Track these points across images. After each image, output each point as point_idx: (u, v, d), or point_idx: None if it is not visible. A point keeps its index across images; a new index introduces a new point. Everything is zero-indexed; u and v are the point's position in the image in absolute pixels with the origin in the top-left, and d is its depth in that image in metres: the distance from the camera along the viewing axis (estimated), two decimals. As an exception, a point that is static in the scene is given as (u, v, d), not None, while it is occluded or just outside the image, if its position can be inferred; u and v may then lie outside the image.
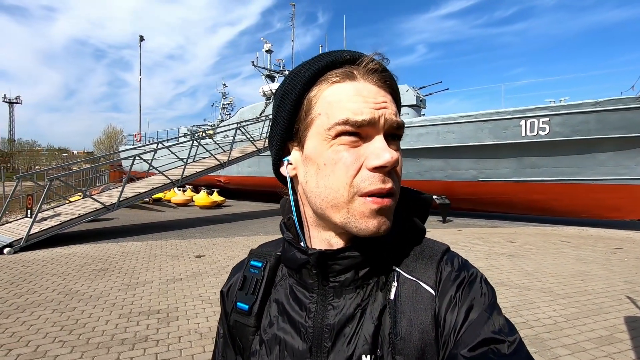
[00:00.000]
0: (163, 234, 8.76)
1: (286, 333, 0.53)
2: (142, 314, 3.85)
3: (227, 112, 30.55)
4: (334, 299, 0.52)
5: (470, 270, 0.52)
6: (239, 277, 0.62)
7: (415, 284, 0.50)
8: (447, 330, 0.47)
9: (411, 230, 0.54)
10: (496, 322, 0.46)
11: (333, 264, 0.50)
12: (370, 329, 0.49)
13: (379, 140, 0.47)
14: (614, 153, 10.25)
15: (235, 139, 12.32)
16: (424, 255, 0.53)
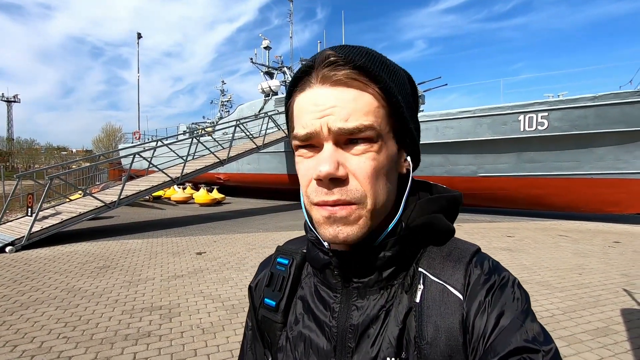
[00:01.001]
0: (164, 232, 8.80)
1: (311, 331, 0.53)
2: (144, 310, 3.89)
3: (225, 110, 30.44)
4: (358, 300, 0.51)
5: (501, 273, 0.49)
6: (266, 274, 0.62)
7: (442, 287, 0.48)
8: (475, 336, 0.44)
9: (437, 230, 0.52)
10: (530, 329, 0.43)
11: (354, 264, 0.50)
12: (395, 331, 0.48)
13: (324, 150, 0.46)
14: (612, 147, 10.28)
15: (235, 136, 12.35)
16: (452, 257, 0.50)
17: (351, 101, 0.45)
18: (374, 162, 0.46)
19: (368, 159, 0.45)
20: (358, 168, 0.45)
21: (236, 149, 12.59)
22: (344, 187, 0.45)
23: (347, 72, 0.45)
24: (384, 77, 0.46)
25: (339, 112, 0.45)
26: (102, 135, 55.45)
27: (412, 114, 0.52)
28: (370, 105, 0.46)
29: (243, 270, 5.44)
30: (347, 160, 0.45)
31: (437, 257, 0.51)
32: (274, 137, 14.02)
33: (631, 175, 10.25)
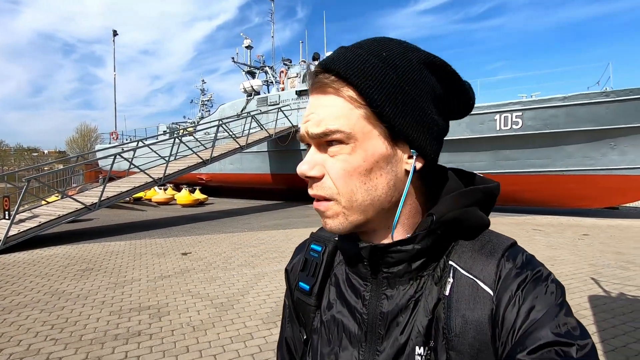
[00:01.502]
0: (146, 233, 8.69)
1: (344, 316, 0.55)
2: (132, 310, 3.90)
3: (206, 109, 30.05)
4: (387, 289, 0.52)
5: (536, 267, 0.48)
6: (300, 259, 0.65)
7: (472, 282, 0.48)
8: (505, 330, 0.44)
9: (468, 224, 0.51)
10: (563, 323, 0.42)
11: (386, 257, 0.51)
12: (424, 321, 0.49)
13: (309, 151, 0.51)
14: (581, 145, 10.83)
15: (217, 136, 12.28)
16: (484, 251, 0.50)
17: (324, 107, 0.48)
18: (344, 163, 0.48)
19: (338, 161, 0.48)
20: (331, 168, 0.49)
21: (219, 149, 12.52)
22: (319, 184, 0.49)
23: (324, 81, 0.48)
24: (356, 80, 0.46)
25: (314, 118, 0.48)
26: (77, 135, 53.61)
27: (412, 109, 0.48)
28: (342, 109, 0.47)
29: (230, 270, 5.48)
30: (325, 160, 0.49)
31: (469, 251, 0.50)
32: (257, 136, 14.01)
33: (598, 171, 10.83)
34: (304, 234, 8.77)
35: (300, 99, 16.65)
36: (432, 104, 0.50)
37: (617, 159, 10.61)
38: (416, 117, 0.48)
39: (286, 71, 18.75)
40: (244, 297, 4.31)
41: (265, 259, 6.07)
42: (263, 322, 3.58)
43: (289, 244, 7.40)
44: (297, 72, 17.52)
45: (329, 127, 0.47)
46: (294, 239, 7.95)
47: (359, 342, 0.53)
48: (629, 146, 10.38)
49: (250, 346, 3.10)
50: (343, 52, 0.49)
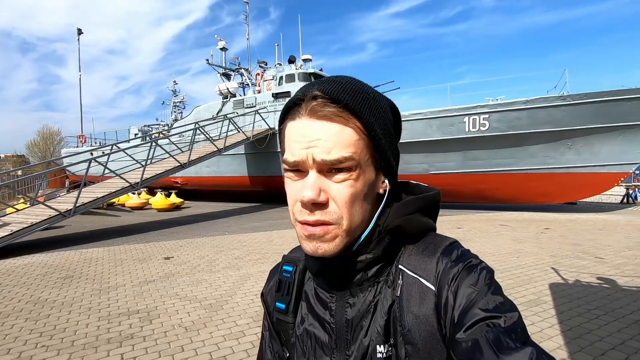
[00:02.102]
0: (124, 239, 8.56)
1: (315, 328, 0.60)
2: (121, 315, 3.94)
3: (179, 111, 29.42)
4: (350, 298, 0.57)
5: (467, 259, 0.53)
6: (275, 281, 0.70)
7: (417, 280, 0.53)
8: (447, 317, 0.49)
9: (411, 230, 0.57)
10: (491, 301, 0.47)
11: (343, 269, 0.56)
12: (381, 322, 0.54)
13: (308, 177, 0.51)
14: (542, 145, 11.63)
15: (194, 139, 12.19)
16: (426, 252, 0.55)
17: (334, 135, 0.50)
18: (351, 188, 0.51)
19: (346, 186, 0.51)
20: (337, 194, 0.51)
21: (197, 152, 12.43)
22: (324, 210, 0.51)
23: (331, 110, 0.50)
24: (364, 113, 0.51)
25: (322, 144, 0.50)
26: (38, 138, 50.80)
27: (391, 142, 0.56)
28: (350, 138, 0.51)
29: (215, 272, 5.57)
30: (328, 186, 0.51)
31: (415, 254, 0.56)
32: (235, 139, 14.00)
33: (558, 169, 11.66)
34: (285, 235, 8.94)
35: (277, 101, 16.75)
36: (395, 141, 0.59)
37: (573, 158, 11.47)
38: (393, 149, 0.57)
39: (262, 73, 18.79)
40: (232, 297, 4.44)
41: (249, 261, 6.19)
42: (253, 320, 3.73)
43: (270, 245, 7.54)
44: (273, 75, 17.62)
45: (342, 154, 0.50)
46: (275, 240, 8.10)
47: (330, 350, 0.57)
48: (583, 146, 11.26)
49: (244, 342, 3.25)
50: (341, 84, 0.52)
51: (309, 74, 16.94)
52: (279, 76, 17.21)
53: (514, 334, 0.43)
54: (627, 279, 4.81)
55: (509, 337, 0.43)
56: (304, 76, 16.79)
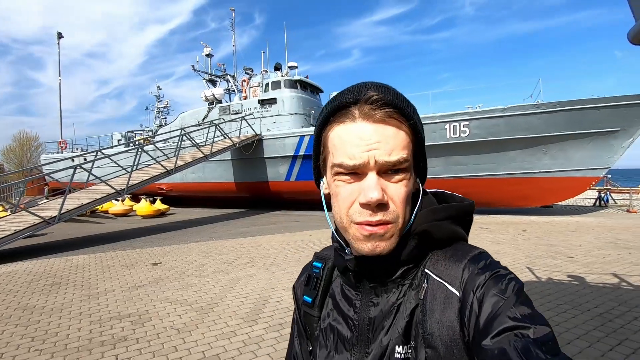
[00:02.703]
0: (110, 245, 8.51)
1: (339, 323, 0.61)
2: (113, 319, 4.00)
3: (162, 116, 29.13)
4: (374, 297, 0.58)
5: (495, 269, 0.52)
6: (305, 275, 0.73)
7: (442, 285, 0.53)
8: (471, 324, 0.48)
9: (438, 236, 0.57)
10: (520, 311, 0.46)
11: (368, 267, 0.57)
12: (402, 324, 0.54)
13: (369, 178, 0.52)
14: (520, 151, 12.13)
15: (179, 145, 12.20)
16: (453, 258, 0.55)
17: (392, 137, 0.52)
18: (406, 188, 0.54)
19: (403, 186, 0.53)
20: (396, 194, 0.53)
21: (183, 158, 12.43)
22: (385, 210, 0.52)
23: (387, 111, 0.52)
24: (414, 117, 0.54)
25: (383, 146, 0.52)
26: (14, 144, 49.20)
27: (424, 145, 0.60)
28: (405, 140, 0.54)
29: (204, 277, 5.65)
30: (387, 187, 0.53)
31: (441, 259, 0.56)
32: (221, 145, 14.05)
33: (535, 174, 12.18)
34: (272, 240, 9.06)
35: (263, 107, 16.91)
36: None
37: (549, 163, 12.02)
38: (424, 154, 0.61)
39: (248, 80, 18.94)
40: (222, 300, 4.55)
41: (237, 265, 6.29)
42: (244, 321, 3.86)
43: (258, 250, 7.64)
44: (259, 81, 17.77)
45: (402, 155, 0.52)
46: (262, 245, 8.20)
47: (351, 346, 0.59)
48: (558, 151, 11.82)
49: (235, 342, 3.38)
50: (388, 89, 0.55)
51: (295, 81, 17.18)
52: (265, 83, 17.39)
53: (545, 346, 0.42)
54: (595, 277, 5.15)
55: (539, 349, 0.41)
56: (290, 83, 17.01)
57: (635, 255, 6.38)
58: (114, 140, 23.34)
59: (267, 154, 15.73)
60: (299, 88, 17.24)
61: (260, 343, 3.34)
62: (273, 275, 5.59)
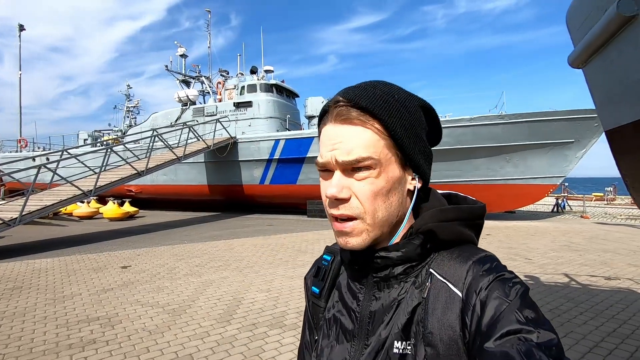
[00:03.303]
0: (75, 249, 8.20)
1: (342, 315, 0.63)
2: (81, 322, 3.92)
3: (132, 116, 28.25)
4: (377, 291, 0.60)
5: (500, 271, 0.52)
6: (315, 267, 0.75)
7: (445, 285, 0.54)
8: (473, 325, 0.48)
9: (443, 236, 0.57)
10: (524, 315, 0.46)
11: (372, 262, 0.59)
12: (403, 320, 0.55)
13: (334, 176, 0.56)
14: (485, 159, 12.79)
15: (152, 146, 11.94)
16: (459, 259, 0.55)
17: (354, 137, 0.54)
18: (372, 185, 0.54)
19: (367, 184, 0.54)
20: (359, 191, 0.54)
21: (154, 159, 12.16)
22: (347, 204, 0.55)
23: (352, 113, 0.54)
24: (383, 115, 0.54)
25: (343, 146, 0.54)
26: (-32, 141, 45.93)
27: (416, 141, 0.58)
28: (369, 140, 0.54)
29: (176, 279, 5.60)
30: (351, 184, 0.55)
31: (447, 260, 0.57)
32: (195, 147, 13.86)
33: (498, 181, 12.87)
34: (246, 243, 9.07)
35: (239, 110, 16.83)
36: (425, 137, 0.61)
37: (511, 170, 12.74)
38: (420, 148, 0.58)
39: (223, 82, 18.79)
40: (195, 302, 4.55)
41: (210, 268, 6.27)
42: (217, 322, 3.90)
43: (232, 253, 7.63)
44: (235, 84, 17.69)
45: (361, 154, 0.53)
46: (236, 248, 8.19)
47: (352, 337, 0.60)
48: (519, 160, 12.56)
49: (208, 342, 3.42)
50: (363, 90, 0.56)
51: (271, 85, 17.24)
52: (240, 86, 17.33)
53: (548, 351, 0.42)
54: (548, 276, 5.56)
55: (543, 352, 0.41)
56: (265, 87, 17.05)
57: (585, 257, 6.93)
58: (80, 140, 22.40)
59: (241, 157, 15.65)
60: (275, 92, 17.31)
61: (234, 342, 3.40)
62: (246, 278, 5.63)
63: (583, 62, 2.48)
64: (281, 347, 3.32)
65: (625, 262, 6.50)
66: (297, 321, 3.92)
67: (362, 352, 0.58)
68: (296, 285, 5.25)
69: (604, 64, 2.28)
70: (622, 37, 1.99)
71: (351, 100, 0.55)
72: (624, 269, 6.01)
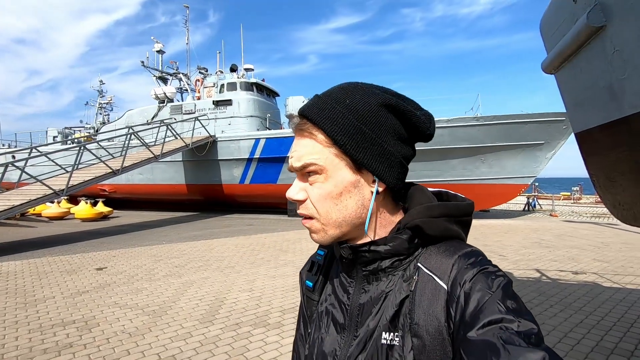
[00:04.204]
0: (45, 251, 7.87)
1: (334, 308, 0.66)
2: (55, 325, 3.78)
3: (105, 113, 27.26)
4: (366, 284, 0.62)
5: (484, 265, 0.54)
6: (309, 262, 0.78)
7: (432, 278, 0.56)
8: (457, 316, 0.50)
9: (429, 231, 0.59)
10: (507, 305, 0.48)
11: (361, 256, 0.61)
12: (391, 312, 0.57)
13: (295, 179, 0.62)
14: (461, 160, 13.17)
15: (127, 144, 11.58)
16: (445, 253, 0.58)
17: (303, 146, 0.59)
18: (319, 189, 0.58)
19: (315, 187, 0.58)
20: (310, 193, 0.59)
21: (130, 158, 11.81)
22: (304, 205, 0.60)
23: (303, 126, 0.59)
24: (325, 126, 0.56)
25: (295, 154, 0.59)
26: None
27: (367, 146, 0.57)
28: (314, 148, 0.58)
29: (155, 281, 5.49)
30: (306, 187, 0.60)
31: (434, 254, 0.59)
32: (173, 146, 13.55)
33: (474, 181, 13.28)
34: (227, 243, 8.99)
35: (218, 108, 16.58)
36: (392, 138, 0.58)
37: (486, 171, 13.18)
38: (374, 151, 0.57)
39: (202, 80, 18.46)
40: (176, 303, 4.48)
41: (190, 269, 6.17)
42: (200, 322, 3.85)
43: (212, 253, 7.53)
44: (214, 82, 17.42)
45: (306, 161, 0.58)
46: (216, 248, 8.09)
47: (342, 329, 0.63)
48: (493, 161, 13.01)
49: (191, 342, 3.38)
50: (316, 101, 0.59)
51: (251, 84, 17.08)
52: (220, 84, 17.08)
53: (528, 339, 0.44)
54: (521, 272, 5.82)
55: (522, 339, 0.43)
56: (246, 85, 16.88)
57: (554, 253, 7.28)
58: (49, 137, 21.42)
59: (221, 156, 15.43)
60: (255, 91, 17.16)
61: (217, 342, 3.38)
62: (228, 278, 5.58)
63: (555, 69, 2.63)
64: (265, 345, 3.33)
65: (591, 258, 6.88)
66: (281, 320, 3.94)
67: (351, 343, 0.60)
68: (279, 285, 5.25)
69: (574, 71, 2.43)
70: (591, 47, 2.12)
71: (302, 113, 0.59)
72: (589, 264, 6.36)
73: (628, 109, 1.91)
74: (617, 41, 1.89)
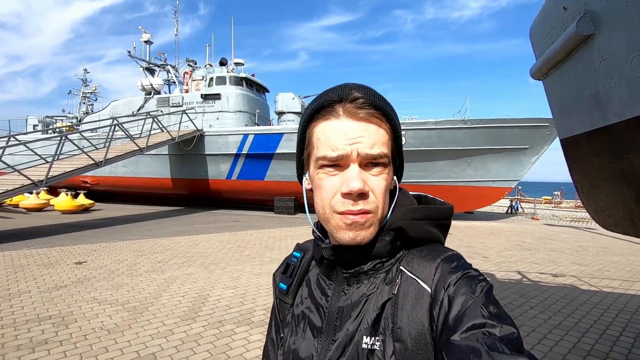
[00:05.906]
0: (22, 243, 7.62)
1: (311, 311, 0.64)
2: (30, 321, 3.65)
3: (89, 102, 26.54)
4: (346, 287, 0.61)
5: (466, 269, 0.54)
6: (284, 264, 0.75)
7: (415, 282, 0.55)
8: (441, 320, 0.50)
9: (412, 234, 0.59)
10: (489, 310, 0.48)
11: (342, 257, 0.60)
12: (372, 315, 0.56)
13: (352, 169, 0.55)
14: (447, 162, 13.33)
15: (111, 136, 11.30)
16: (428, 257, 0.58)
17: (374, 133, 0.56)
18: (385, 181, 0.57)
19: (382, 179, 0.56)
20: (376, 185, 0.56)
21: (114, 150, 11.53)
22: (366, 200, 0.55)
23: (369, 111, 0.56)
24: (394, 118, 0.59)
25: (366, 140, 0.55)
26: None
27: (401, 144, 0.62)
28: (384, 138, 0.57)
29: (137, 276, 5.37)
30: (368, 178, 0.56)
31: (416, 257, 0.58)
32: (159, 138, 13.29)
33: (460, 183, 13.47)
34: (212, 239, 8.88)
35: (206, 102, 16.35)
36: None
37: (472, 173, 13.38)
38: (401, 154, 0.64)
39: (191, 72, 18.16)
40: (158, 299, 4.39)
41: (173, 264, 6.06)
42: (182, 320, 3.78)
43: (196, 249, 7.43)
44: (203, 75, 17.15)
45: (383, 150, 0.56)
46: (201, 244, 7.98)
47: (319, 333, 0.61)
48: (479, 163, 13.22)
49: (172, 340, 3.31)
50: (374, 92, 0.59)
51: (241, 78, 16.89)
52: (209, 77, 16.84)
53: (510, 344, 0.44)
54: (503, 273, 5.92)
55: (505, 345, 0.44)
56: (235, 80, 16.68)
57: (536, 256, 7.44)
58: (28, 126, 20.74)
59: (208, 151, 15.23)
60: (245, 86, 16.98)
61: (199, 340, 3.32)
62: (212, 274, 5.51)
63: (543, 75, 2.67)
64: (249, 344, 3.29)
65: (570, 261, 7.06)
66: (265, 318, 3.90)
67: (329, 348, 0.58)
68: (264, 282, 5.21)
69: (562, 78, 2.46)
70: (579, 55, 2.15)
71: (368, 98, 0.57)
72: (568, 267, 6.53)
73: (613, 117, 1.94)
74: (605, 50, 1.92)
